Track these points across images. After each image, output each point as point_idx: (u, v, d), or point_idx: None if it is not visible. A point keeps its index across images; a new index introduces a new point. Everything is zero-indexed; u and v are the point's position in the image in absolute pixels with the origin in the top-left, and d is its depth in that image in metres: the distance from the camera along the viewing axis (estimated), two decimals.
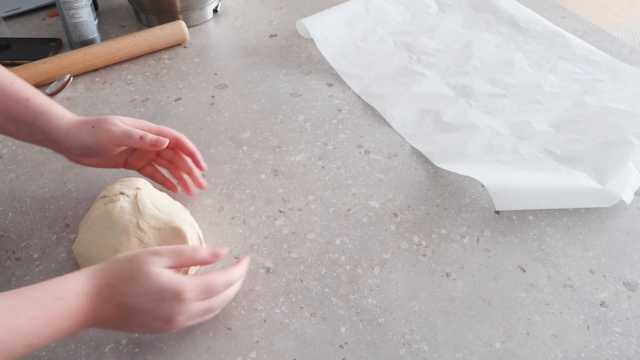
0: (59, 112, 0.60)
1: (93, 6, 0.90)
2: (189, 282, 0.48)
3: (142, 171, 0.65)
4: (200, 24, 0.98)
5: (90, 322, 0.46)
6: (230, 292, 0.52)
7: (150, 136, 0.59)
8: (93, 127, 0.59)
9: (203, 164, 0.65)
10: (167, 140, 0.60)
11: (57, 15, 1.00)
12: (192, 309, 0.49)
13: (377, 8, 0.96)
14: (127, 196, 0.58)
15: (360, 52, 0.89)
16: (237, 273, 0.53)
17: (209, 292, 0.50)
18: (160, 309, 0.47)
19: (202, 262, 0.51)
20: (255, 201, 0.66)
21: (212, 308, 0.51)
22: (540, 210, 0.64)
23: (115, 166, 0.64)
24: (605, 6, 2.68)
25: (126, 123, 0.60)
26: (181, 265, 0.50)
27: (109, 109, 0.79)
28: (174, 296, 0.47)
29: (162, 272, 0.47)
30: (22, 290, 0.44)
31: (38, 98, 0.59)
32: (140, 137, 0.58)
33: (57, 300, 0.44)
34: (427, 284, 0.57)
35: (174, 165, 0.66)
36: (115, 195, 0.58)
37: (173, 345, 0.53)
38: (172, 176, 0.66)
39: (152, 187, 0.61)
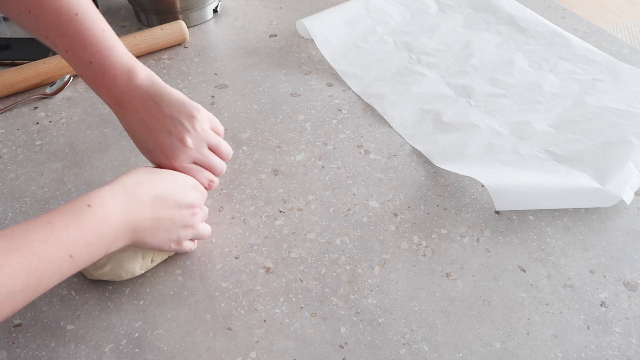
0: (121, 53, 0.55)
1: None
2: (198, 176, 0.57)
3: None
4: (200, 24, 0.98)
5: (128, 224, 0.48)
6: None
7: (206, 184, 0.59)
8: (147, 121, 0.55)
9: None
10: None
11: None
12: (203, 204, 0.57)
13: (377, 8, 0.96)
14: None
15: (360, 52, 0.89)
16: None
17: (204, 195, 0.58)
18: (185, 196, 0.54)
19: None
20: (255, 201, 0.66)
21: (206, 213, 0.59)
22: (540, 210, 0.64)
23: None
24: (605, 6, 2.68)
25: (202, 127, 0.56)
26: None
27: (109, 109, 0.79)
28: (192, 185, 0.56)
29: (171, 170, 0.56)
30: (53, 209, 0.45)
31: (89, 13, 0.54)
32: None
33: (87, 207, 0.45)
34: (427, 284, 0.57)
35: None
36: None
37: (173, 345, 0.53)
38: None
39: None
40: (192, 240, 0.58)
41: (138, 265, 0.56)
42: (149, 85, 0.56)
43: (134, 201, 0.49)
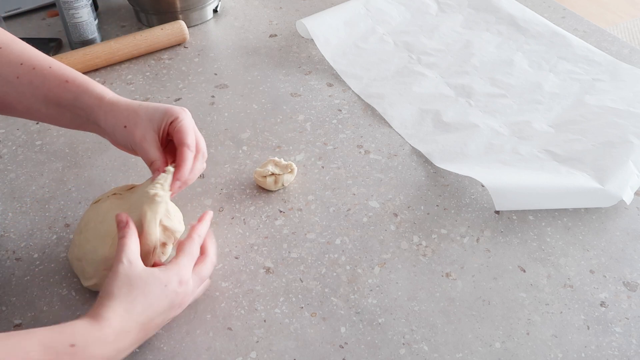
0: (99, 90, 0.57)
1: (93, 6, 0.90)
2: (179, 263, 0.51)
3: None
4: (200, 24, 0.98)
5: (114, 356, 0.46)
6: (212, 255, 0.56)
7: (157, 166, 0.56)
8: (125, 127, 0.56)
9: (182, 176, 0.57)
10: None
11: (57, 15, 1.00)
12: (194, 285, 0.52)
13: (377, 8, 0.96)
14: (121, 194, 0.58)
15: (360, 52, 0.89)
16: (202, 227, 0.56)
17: (194, 257, 0.53)
18: (171, 302, 0.50)
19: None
20: (255, 201, 0.66)
21: (204, 279, 0.54)
22: (540, 210, 0.64)
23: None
24: (605, 6, 2.68)
25: (183, 126, 0.56)
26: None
27: None
28: (179, 283, 0.50)
29: (153, 271, 0.49)
30: (35, 332, 0.43)
31: (78, 78, 0.57)
32: (152, 163, 0.56)
33: (70, 347, 0.43)
34: (427, 284, 0.57)
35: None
36: (107, 196, 0.58)
37: (173, 345, 0.53)
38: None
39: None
40: None
41: None
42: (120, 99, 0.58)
43: (121, 340, 0.46)
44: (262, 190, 0.67)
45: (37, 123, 0.77)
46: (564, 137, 0.71)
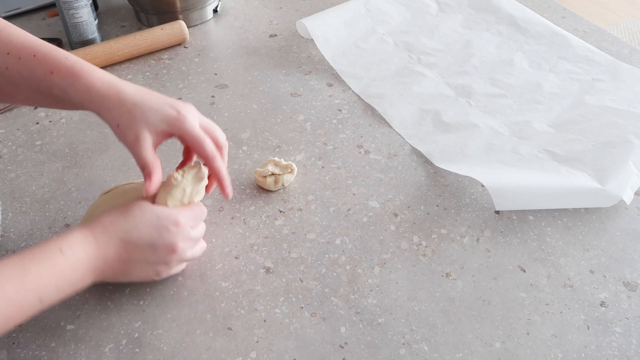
0: (86, 82, 0.53)
1: (93, 6, 0.90)
2: (181, 209, 0.53)
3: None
4: (200, 24, 0.98)
5: (95, 270, 0.49)
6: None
7: (148, 171, 0.53)
8: (118, 126, 0.53)
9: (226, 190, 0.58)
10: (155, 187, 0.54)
11: (57, 15, 1.00)
12: (189, 235, 0.53)
13: (377, 8, 0.96)
14: (132, 183, 0.60)
15: (360, 52, 0.89)
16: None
17: (197, 218, 0.55)
18: (161, 236, 0.51)
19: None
20: (255, 201, 0.66)
21: (199, 236, 0.56)
22: (540, 210, 0.64)
23: None
24: (605, 6, 2.68)
25: (188, 133, 0.53)
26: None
27: None
28: (172, 223, 0.52)
29: (152, 205, 0.52)
30: (25, 251, 0.46)
31: (62, 68, 0.53)
32: (147, 175, 0.53)
33: (59, 252, 0.46)
34: (427, 284, 0.57)
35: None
36: (118, 186, 0.59)
37: (173, 345, 0.53)
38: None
39: None
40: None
41: None
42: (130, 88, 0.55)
43: (101, 247, 0.49)
44: (262, 190, 0.67)
45: (37, 123, 0.77)
46: (564, 137, 0.71)
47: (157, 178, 0.53)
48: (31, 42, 0.55)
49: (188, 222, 0.53)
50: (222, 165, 0.56)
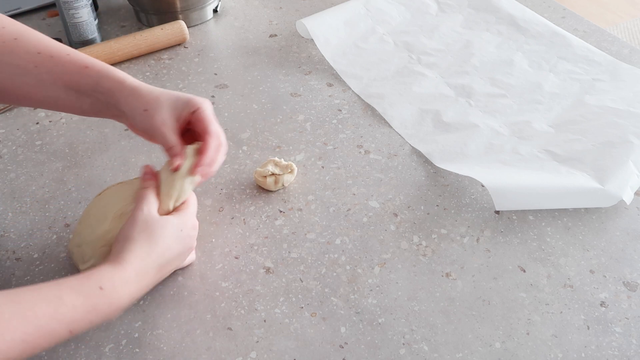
0: (120, 74, 0.58)
1: (93, 6, 0.90)
2: (191, 211, 0.56)
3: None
4: (200, 24, 0.98)
5: (133, 300, 0.50)
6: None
7: (176, 151, 0.57)
8: (145, 110, 0.57)
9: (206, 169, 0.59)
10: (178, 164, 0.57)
11: (57, 15, 1.00)
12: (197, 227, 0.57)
13: (377, 8, 0.96)
14: (124, 182, 0.59)
15: (360, 52, 0.89)
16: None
17: (195, 209, 0.58)
18: (185, 245, 0.55)
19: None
20: (255, 201, 0.66)
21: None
22: (540, 210, 0.64)
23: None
24: (605, 6, 2.68)
25: (207, 115, 0.57)
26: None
27: None
28: (192, 227, 0.55)
29: (168, 218, 0.53)
30: (64, 280, 0.46)
31: (97, 64, 0.58)
32: (170, 148, 0.57)
33: (99, 290, 0.46)
34: (427, 284, 0.57)
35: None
36: (110, 187, 0.59)
37: (173, 345, 0.53)
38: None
39: None
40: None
41: None
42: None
43: (142, 279, 0.50)
44: (262, 190, 0.67)
45: (37, 123, 0.77)
46: (564, 137, 0.71)
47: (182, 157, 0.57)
48: (62, 44, 0.59)
49: (195, 218, 0.57)
50: (213, 142, 0.57)
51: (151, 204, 0.53)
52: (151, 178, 0.55)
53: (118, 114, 0.59)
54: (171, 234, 0.53)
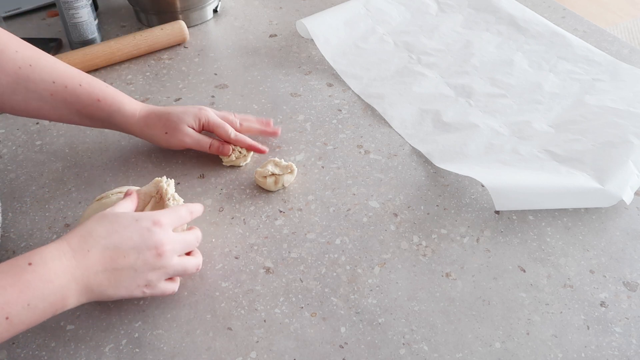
0: (130, 109, 0.65)
1: (93, 6, 0.90)
2: (158, 212, 0.52)
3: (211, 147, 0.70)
4: (200, 24, 0.98)
5: (77, 283, 0.46)
6: (197, 230, 0.56)
7: (216, 145, 0.68)
8: (166, 133, 0.66)
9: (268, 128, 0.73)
10: (230, 148, 0.69)
11: (57, 15, 1.00)
12: (173, 237, 0.52)
13: (377, 8, 0.96)
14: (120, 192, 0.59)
15: (360, 52, 0.89)
16: (196, 206, 0.57)
17: (179, 218, 0.54)
18: (143, 238, 0.49)
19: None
20: (255, 201, 0.66)
21: (188, 242, 0.54)
22: (540, 210, 0.64)
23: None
24: (605, 6, 2.68)
25: (212, 120, 0.68)
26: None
27: None
28: (152, 223, 0.50)
29: (127, 211, 0.53)
30: None
31: (108, 97, 0.64)
32: (210, 146, 0.68)
33: (28, 265, 0.44)
34: (427, 284, 0.57)
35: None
36: (112, 194, 0.59)
37: (173, 345, 0.53)
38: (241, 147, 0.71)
39: None
40: (172, 279, 0.54)
41: None
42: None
43: (80, 257, 0.46)
44: (262, 190, 0.67)
45: (37, 123, 0.78)
46: (564, 137, 0.71)
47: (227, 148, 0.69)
48: (73, 71, 0.64)
49: (171, 222, 0.52)
50: (241, 136, 0.70)
51: (119, 207, 0.52)
52: (129, 194, 0.56)
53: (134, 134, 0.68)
54: (123, 220, 0.49)
